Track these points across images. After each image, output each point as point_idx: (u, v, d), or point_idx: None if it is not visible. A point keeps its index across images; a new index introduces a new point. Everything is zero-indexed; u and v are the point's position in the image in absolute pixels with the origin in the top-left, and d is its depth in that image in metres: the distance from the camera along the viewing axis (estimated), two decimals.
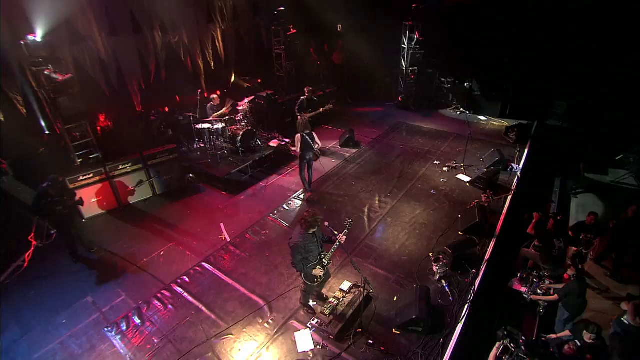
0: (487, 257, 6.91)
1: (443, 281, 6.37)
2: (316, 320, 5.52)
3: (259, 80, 13.63)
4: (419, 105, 14.52)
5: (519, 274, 6.77)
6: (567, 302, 5.66)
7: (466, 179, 9.46)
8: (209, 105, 9.88)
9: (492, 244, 7.21)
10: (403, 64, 14.05)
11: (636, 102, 11.11)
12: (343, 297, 5.88)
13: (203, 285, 6.37)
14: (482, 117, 13.53)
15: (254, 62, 13.99)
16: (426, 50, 13.92)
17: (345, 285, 6.06)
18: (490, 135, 12.06)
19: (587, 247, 7.32)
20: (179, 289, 6.30)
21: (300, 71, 13.67)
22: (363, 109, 14.56)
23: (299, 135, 8.07)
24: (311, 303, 5.95)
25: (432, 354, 5.19)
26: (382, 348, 5.22)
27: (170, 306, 6.00)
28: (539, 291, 6.43)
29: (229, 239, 7.47)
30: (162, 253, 7.11)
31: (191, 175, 9.04)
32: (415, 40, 13.38)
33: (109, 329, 5.60)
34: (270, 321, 5.73)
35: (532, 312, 6.34)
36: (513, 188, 9.04)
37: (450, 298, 6.09)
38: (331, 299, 5.82)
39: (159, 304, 6.04)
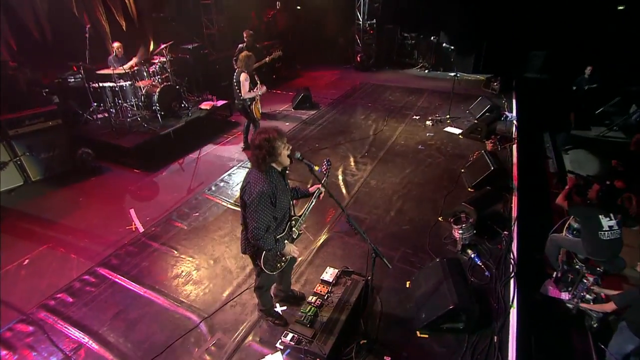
0: (515, 214, 5.16)
1: (469, 251, 4.48)
2: (291, 335, 3.32)
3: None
4: (380, 65, 12.89)
5: (554, 274, 4.56)
6: (630, 317, 3.36)
7: (456, 131, 7.89)
8: (110, 57, 7.33)
9: (515, 198, 5.48)
10: (359, 17, 12.26)
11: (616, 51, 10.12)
12: (328, 292, 3.75)
13: (95, 303, 3.94)
14: (453, 74, 12.08)
15: (177, 21, 11.42)
16: (385, 2, 12.29)
17: (329, 274, 3.93)
18: (469, 89, 10.66)
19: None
20: (49, 316, 3.80)
21: (236, 27, 11.35)
22: (316, 73, 12.61)
23: (244, 74, 6.11)
24: (278, 308, 3.77)
25: None
26: None
27: (27, 349, 3.50)
28: (587, 297, 4.20)
29: (141, 229, 5.06)
30: (25, 262, 4.52)
31: (87, 150, 6.42)
32: None
33: None
34: (212, 348, 3.46)
35: (582, 328, 4.13)
36: (515, 137, 7.49)
37: (486, 273, 4.20)
38: (310, 298, 3.66)
39: (3, 350, 3.51)
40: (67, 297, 4.02)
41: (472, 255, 4.42)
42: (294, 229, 3.19)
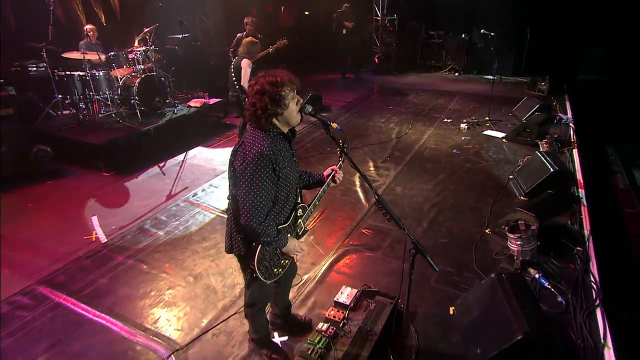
0: (587, 227, 4.55)
1: (531, 270, 3.84)
2: None
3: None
4: (402, 68, 12.68)
5: None
6: None
7: (499, 134, 7.42)
8: (81, 42, 7.08)
9: (585, 209, 4.88)
10: (378, 12, 12.12)
11: None
12: (345, 318, 3.13)
13: (25, 332, 3.34)
14: (489, 77, 11.75)
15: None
16: None
17: (345, 294, 3.31)
18: (509, 91, 10.29)
19: None
20: None
21: (233, 24, 11.27)
22: (327, 76, 12.39)
23: (246, 60, 5.81)
24: (277, 339, 3.16)
25: None
26: None
27: None
28: None
29: (104, 239, 4.54)
30: None
31: (44, 148, 6.01)
32: None
33: None
34: None
35: None
36: (575, 140, 6.96)
37: (560, 299, 3.54)
38: (321, 326, 3.03)
39: None
40: None
41: (537, 276, 3.78)
42: (300, 220, 2.63)
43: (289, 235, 2.53)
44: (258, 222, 2.23)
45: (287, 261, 2.63)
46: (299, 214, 2.62)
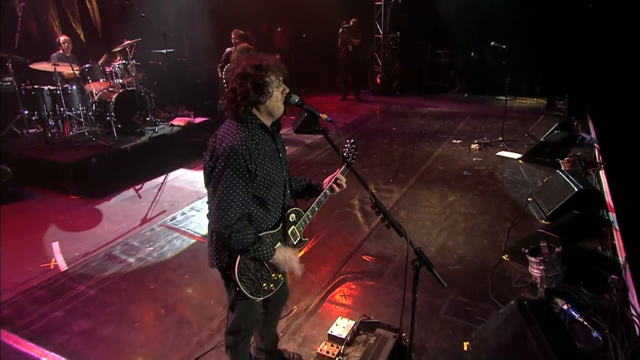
0: (622, 254, 4.34)
1: (559, 300, 3.60)
2: None
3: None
4: (406, 89, 12.84)
5: None
6: None
7: (514, 155, 7.35)
8: (54, 53, 7.11)
9: (617, 234, 4.69)
10: (380, 30, 12.30)
11: None
12: (340, 354, 2.89)
13: None
14: (502, 97, 11.79)
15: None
16: (412, 11, 12.41)
17: (341, 327, 3.07)
18: (525, 112, 10.40)
19: None
20: None
21: (226, 38, 11.47)
22: (324, 98, 12.49)
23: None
24: None
25: None
26: None
27: None
28: None
29: (64, 267, 4.33)
30: None
31: (5, 168, 5.88)
32: None
33: None
34: None
35: None
36: (601, 162, 6.85)
37: (595, 334, 3.28)
38: None
39: None
40: None
41: (565, 307, 3.54)
42: (293, 227, 2.44)
43: (279, 244, 2.33)
44: (224, 225, 2.05)
45: (279, 275, 2.40)
46: (291, 219, 2.43)
